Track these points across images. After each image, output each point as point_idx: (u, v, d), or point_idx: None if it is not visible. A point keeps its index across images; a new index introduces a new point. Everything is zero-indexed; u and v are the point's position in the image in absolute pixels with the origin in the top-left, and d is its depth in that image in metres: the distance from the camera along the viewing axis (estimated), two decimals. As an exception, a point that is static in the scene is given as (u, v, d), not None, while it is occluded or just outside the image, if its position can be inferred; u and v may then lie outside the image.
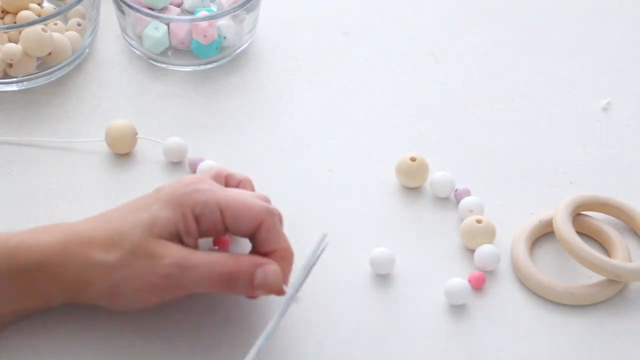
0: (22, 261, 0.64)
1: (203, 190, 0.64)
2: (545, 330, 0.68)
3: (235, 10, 0.83)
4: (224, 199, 0.64)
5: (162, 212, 0.64)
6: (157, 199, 0.65)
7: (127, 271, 0.63)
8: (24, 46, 0.81)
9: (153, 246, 0.63)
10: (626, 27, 0.91)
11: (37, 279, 0.64)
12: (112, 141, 0.78)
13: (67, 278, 0.64)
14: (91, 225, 0.65)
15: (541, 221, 0.73)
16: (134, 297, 0.64)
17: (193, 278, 0.63)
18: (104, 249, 0.64)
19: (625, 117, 0.83)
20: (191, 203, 0.64)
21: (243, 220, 0.64)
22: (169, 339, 0.67)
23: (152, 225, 0.63)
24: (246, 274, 0.63)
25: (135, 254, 0.63)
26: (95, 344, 0.66)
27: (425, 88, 0.85)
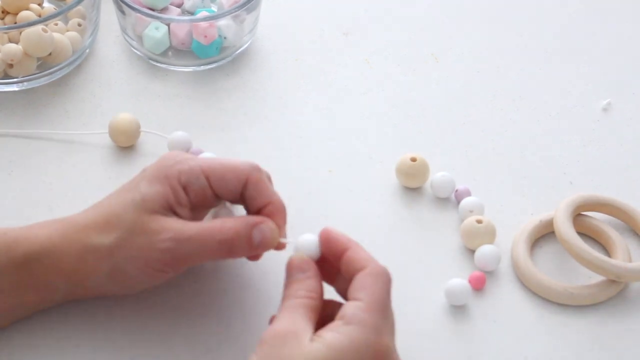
0: (21, 254, 0.64)
1: (185, 161, 0.65)
2: (545, 330, 0.68)
3: (235, 10, 0.83)
4: (206, 164, 0.65)
5: (151, 187, 0.64)
6: (143, 177, 0.65)
7: (126, 250, 0.63)
8: (25, 46, 0.81)
9: (149, 222, 0.63)
10: (626, 27, 0.91)
11: (37, 270, 0.64)
12: (116, 134, 0.78)
13: (67, 266, 0.64)
14: (85, 213, 0.66)
15: (541, 221, 0.73)
16: (137, 276, 0.64)
17: (192, 249, 0.63)
18: (100, 233, 0.64)
19: (625, 117, 0.83)
20: (176, 174, 0.65)
21: (229, 179, 0.65)
22: (169, 339, 0.67)
23: (143, 202, 0.64)
24: (244, 237, 0.64)
25: (132, 233, 0.63)
26: (95, 344, 0.66)
27: (425, 88, 0.85)
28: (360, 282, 0.60)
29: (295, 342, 0.57)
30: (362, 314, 0.58)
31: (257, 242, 0.64)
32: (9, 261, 0.64)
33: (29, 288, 0.65)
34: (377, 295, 0.60)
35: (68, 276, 0.65)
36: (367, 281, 0.60)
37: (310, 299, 0.61)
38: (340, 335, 0.58)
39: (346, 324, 0.58)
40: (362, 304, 0.59)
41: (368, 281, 0.60)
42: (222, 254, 0.64)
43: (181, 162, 0.65)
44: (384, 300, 0.60)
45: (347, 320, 0.58)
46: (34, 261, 0.64)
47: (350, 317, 0.58)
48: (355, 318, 0.58)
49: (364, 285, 0.60)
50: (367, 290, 0.60)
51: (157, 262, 0.64)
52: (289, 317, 0.59)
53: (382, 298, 0.60)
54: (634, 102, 0.84)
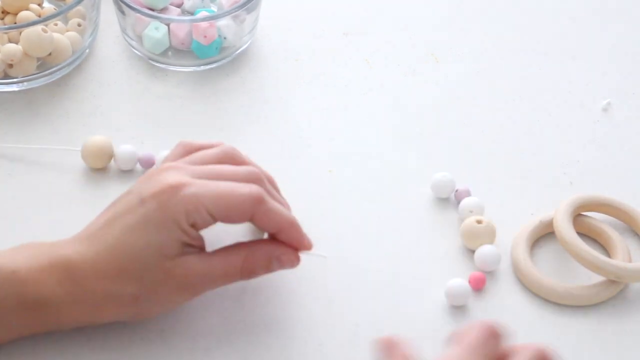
0: (31, 297, 0.63)
1: (189, 199, 0.64)
2: (545, 331, 0.68)
3: (235, 10, 0.83)
4: (210, 202, 0.64)
5: (163, 233, 0.63)
6: (148, 218, 0.63)
7: (152, 296, 0.64)
8: (24, 47, 0.81)
9: (172, 268, 0.63)
10: (626, 27, 0.91)
11: (48, 314, 0.63)
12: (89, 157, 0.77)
13: (84, 312, 0.64)
14: (91, 253, 0.64)
15: (541, 222, 0.73)
16: (162, 311, 0.66)
17: (217, 284, 0.65)
18: (119, 282, 0.63)
19: (625, 117, 0.83)
20: (183, 217, 0.63)
21: (234, 217, 0.65)
22: (170, 339, 0.67)
23: (160, 249, 0.63)
24: (263, 268, 0.66)
25: (156, 282, 0.63)
26: (95, 343, 0.66)
27: (425, 88, 0.85)
28: None
29: None
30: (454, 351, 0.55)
31: (275, 269, 0.66)
32: (18, 302, 0.63)
33: (37, 326, 0.64)
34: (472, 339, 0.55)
35: (84, 319, 0.64)
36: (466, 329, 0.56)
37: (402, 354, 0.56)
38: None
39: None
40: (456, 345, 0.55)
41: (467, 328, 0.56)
42: (244, 278, 0.66)
43: (184, 202, 0.63)
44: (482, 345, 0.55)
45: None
46: (46, 305, 0.63)
47: None
48: None
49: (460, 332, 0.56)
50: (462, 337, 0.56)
51: (183, 299, 0.65)
52: None
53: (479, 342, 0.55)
54: (634, 102, 0.84)
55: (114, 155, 0.77)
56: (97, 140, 0.77)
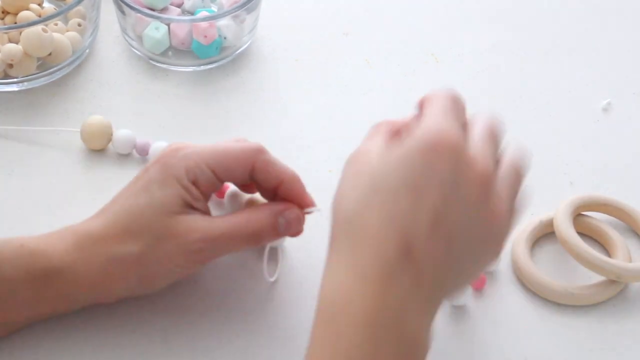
0: (40, 267, 0.63)
1: (189, 155, 0.65)
2: (545, 330, 0.68)
3: (235, 10, 0.83)
4: (210, 156, 0.65)
5: (164, 190, 0.64)
6: (150, 179, 0.65)
7: (155, 256, 0.63)
8: (25, 46, 0.81)
9: (175, 225, 0.63)
10: (626, 27, 0.91)
11: (57, 284, 0.64)
12: (87, 137, 0.78)
13: (90, 280, 0.64)
14: (98, 222, 0.65)
15: (542, 222, 0.73)
16: (168, 276, 0.65)
17: (221, 245, 0.64)
18: (122, 242, 0.64)
19: (625, 117, 0.83)
20: (183, 172, 0.64)
21: (234, 169, 0.65)
22: (170, 339, 0.67)
23: (162, 205, 0.64)
24: (269, 227, 0.65)
25: (159, 238, 0.63)
26: (95, 343, 0.66)
27: (426, 88, 0.84)
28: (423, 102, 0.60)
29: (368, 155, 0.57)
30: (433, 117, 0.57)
31: (282, 229, 0.65)
32: (27, 275, 0.63)
33: (47, 301, 0.64)
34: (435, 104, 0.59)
35: (91, 288, 0.64)
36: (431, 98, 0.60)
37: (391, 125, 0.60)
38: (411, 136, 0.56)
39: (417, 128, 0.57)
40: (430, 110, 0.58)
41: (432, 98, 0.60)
42: (249, 245, 0.65)
43: (185, 158, 0.65)
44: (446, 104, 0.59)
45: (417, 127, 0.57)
46: (53, 275, 0.63)
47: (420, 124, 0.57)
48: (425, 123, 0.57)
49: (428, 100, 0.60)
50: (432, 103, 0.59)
51: (186, 262, 0.64)
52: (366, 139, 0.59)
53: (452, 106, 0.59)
54: (634, 102, 0.84)
55: (112, 139, 0.77)
56: (96, 121, 0.77)
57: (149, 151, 0.77)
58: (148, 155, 0.77)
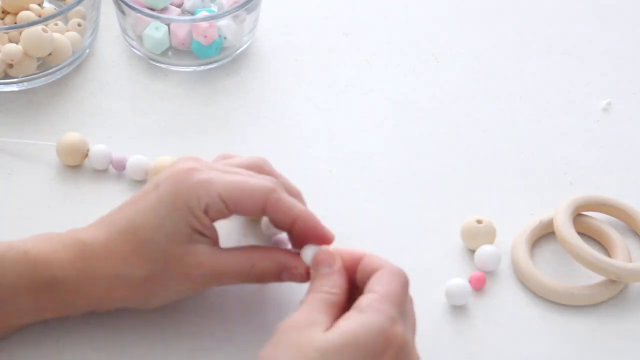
0: (42, 275, 0.63)
1: (202, 183, 0.64)
2: (545, 330, 0.68)
3: (235, 10, 0.83)
4: (223, 188, 0.64)
5: (175, 216, 0.63)
6: (160, 200, 0.64)
7: (161, 281, 0.64)
8: (25, 46, 0.81)
9: (182, 256, 0.63)
10: (626, 27, 0.91)
11: (61, 294, 0.63)
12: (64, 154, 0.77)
13: (92, 293, 0.64)
14: (104, 236, 0.64)
15: (542, 222, 0.73)
16: (171, 298, 0.65)
17: (224, 281, 0.65)
18: (128, 264, 0.63)
19: (625, 117, 0.83)
20: (196, 202, 0.63)
21: (246, 205, 0.65)
22: (170, 339, 0.67)
23: (171, 233, 0.63)
24: (273, 275, 0.65)
25: (166, 265, 0.63)
26: (95, 344, 0.66)
27: (426, 88, 0.85)
28: (376, 279, 0.61)
29: (308, 331, 0.58)
30: (376, 304, 0.58)
31: (284, 280, 0.66)
32: (31, 283, 0.63)
33: (49, 309, 0.64)
34: (392, 289, 0.60)
35: (92, 301, 0.64)
36: (383, 277, 0.61)
37: (332, 295, 0.61)
38: (352, 322, 0.58)
39: (359, 312, 0.58)
40: (377, 295, 0.59)
41: (384, 277, 0.61)
42: (251, 282, 0.66)
43: (198, 186, 0.64)
44: (400, 295, 0.60)
45: (360, 309, 0.58)
46: (57, 285, 0.63)
47: (364, 307, 0.58)
48: (368, 307, 0.58)
49: (379, 280, 0.60)
50: (382, 284, 0.60)
51: (191, 288, 0.65)
52: (306, 309, 0.59)
53: (398, 292, 0.60)
54: (634, 102, 0.84)
55: (88, 154, 0.77)
56: (72, 137, 0.77)
57: (125, 166, 0.77)
58: (125, 170, 0.77)
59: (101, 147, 0.77)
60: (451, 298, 0.69)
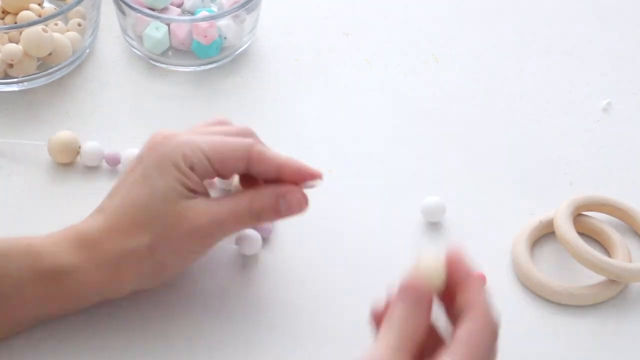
0: (47, 266, 0.63)
1: (185, 142, 0.65)
2: (545, 330, 0.68)
3: (235, 10, 0.83)
4: (206, 146, 0.65)
5: (165, 178, 0.64)
6: (147, 168, 0.65)
7: (168, 243, 0.64)
8: (25, 46, 0.81)
9: (181, 212, 0.64)
10: (626, 27, 0.91)
11: (67, 283, 0.63)
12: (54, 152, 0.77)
13: (103, 277, 0.64)
14: (101, 220, 0.65)
15: (542, 222, 0.73)
16: (180, 264, 0.66)
17: (229, 226, 0.65)
18: (131, 236, 0.64)
19: (625, 117, 0.83)
20: (181, 159, 0.65)
21: (229, 162, 0.66)
22: (170, 339, 0.67)
23: (166, 193, 0.64)
24: (271, 207, 0.66)
25: (170, 226, 0.64)
26: (95, 343, 0.66)
27: (426, 88, 0.85)
28: (466, 329, 0.55)
29: None
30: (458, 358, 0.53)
31: (283, 211, 0.66)
32: (34, 273, 0.63)
33: (55, 300, 0.64)
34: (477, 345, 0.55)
35: (102, 285, 0.64)
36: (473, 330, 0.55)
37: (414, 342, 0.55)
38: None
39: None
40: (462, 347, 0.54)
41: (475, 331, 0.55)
42: (252, 224, 0.67)
43: (181, 145, 0.65)
44: (484, 353, 0.55)
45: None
46: (63, 275, 0.63)
47: None
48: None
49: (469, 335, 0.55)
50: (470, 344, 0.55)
51: (198, 246, 0.65)
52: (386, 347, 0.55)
53: (482, 349, 0.55)
54: (634, 102, 0.84)
55: (80, 152, 0.77)
56: (64, 136, 0.77)
57: (119, 160, 0.77)
58: (120, 164, 0.77)
59: (93, 144, 0.77)
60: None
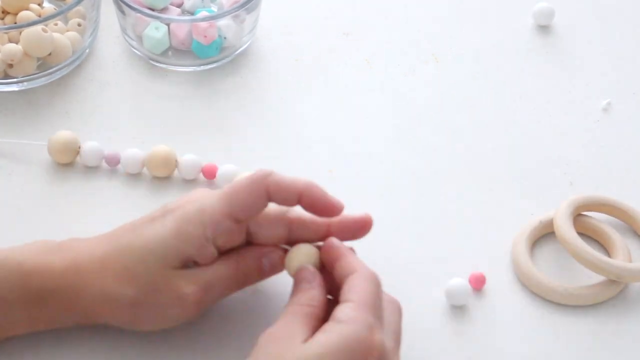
0: (35, 288, 0.63)
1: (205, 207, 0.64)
2: (545, 330, 0.68)
3: (235, 10, 0.83)
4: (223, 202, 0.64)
5: (173, 242, 0.63)
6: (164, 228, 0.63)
7: (149, 304, 0.63)
8: (24, 46, 0.81)
9: (172, 279, 0.63)
10: (626, 27, 0.91)
11: (51, 306, 0.63)
12: (54, 152, 0.77)
13: (82, 306, 0.64)
14: (101, 250, 0.64)
15: (541, 222, 0.73)
16: (161, 324, 0.65)
17: (215, 294, 0.65)
18: (119, 282, 0.63)
19: (625, 117, 0.83)
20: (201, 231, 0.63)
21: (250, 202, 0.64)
22: (170, 339, 0.66)
23: (164, 257, 0.63)
24: (255, 269, 0.65)
25: (154, 290, 0.63)
26: (95, 344, 0.66)
27: (426, 88, 0.85)
28: (349, 285, 0.61)
29: (287, 343, 0.58)
30: (352, 312, 0.59)
31: (266, 270, 0.66)
32: (22, 296, 0.63)
33: (40, 321, 0.64)
34: (366, 296, 0.60)
35: (82, 315, 0.64)
36: (356, 283, 0.61)
37: (311, 307, 0.61)
38: (331, 333, 0.58)
39: (337, 323, 0.58)
40: (352, 303, 0.60)
41: (357, 283, 0.61)
42: (239, 286, 0.66)
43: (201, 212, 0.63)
44: (374, 301, 0.60)
45: (337, 320, 0.59)
46: (48, 297, 0.63)
47: (341, 317, 0.59)
48: (345, 317, 0.59)
49: (353, 286, 0.61)
50: (357, 292, 0.60)
51: (179, 314, 0.64)
52: (285, 321, 0.60)
53: (372, 298, 0.60)
54: (634, 102, 0.84)
55: (80, 152, 0.77)
56: (63, 135, 0.77)
57: (118, 160, 0.77)
58: (119, 164, 0.77)
59: (93, 144, 0.77)
60: (451, 298, 0.69)
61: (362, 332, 0.58)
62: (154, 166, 0.76)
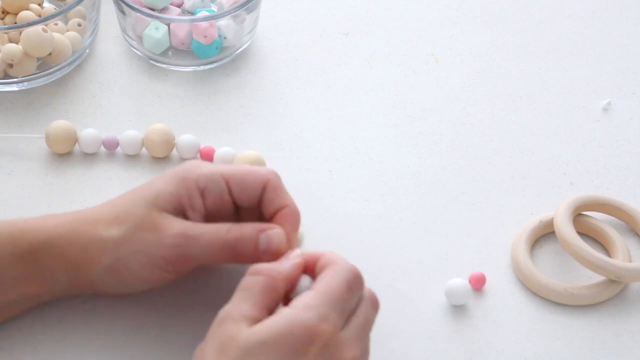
0: (26, 243, 0.64)
1: (206, 166, 0.65)
2: (545, 330, 0.68)
3: (235, 10, 0.83)
4: (226, 169, 0.65)
5: (165, 186, 0.64)
6: (160, 177, 0.65)
7: (132, 245, 0.63)
8: (25, 46, 0.81)
9: (157, 219, 0.64)
10: (626, 27, 0.91)
11: (41, 260, 0.64)
12: (51, 142, 0.78)
13: (71, 257, 0.64)
14: (96, 208, 0.66)
15: (542, 221, 0.73)
16: (139, 273, 0.64)
17: (198, 247, 0.63)
18: (107, 226, 0.64)
19: (625, 117, 0.83)
20: (194, 176, 0.65)
21: (249, 184, 0.65)
22: (170, 339, 0.67)
23: (154, 199, 0.64)
24: (250, 240, 0.63)
25: (139, 228, 0.63)
26: (95, 343, 0.66)
27: (426, 88, 0.85)
28: (320, 276, 0.60)
29: (236, 325, 0.57)
30: (307, 300, 0.58)
31: (262, 247, 0.63)
32: (12, 252, 0.64)
33: (31, 280, 0.65)
34: (332, 286, 0.59)
35: (70, 267, 0.65)
36: (325, 274, 0.60)
37: (268, 277, 0.60)
38: (279, 318, 0.57)
39: (289, 309, 0.58)
40: (312, 292, 0.59)
41: (326, 274, 0.60)
42: (226, 256, 0.64)
43: (200, 167, 0.65)
44: (340, 292, 0.59)
45: (291, 306, 0.58)
46: (38, 251, 0.64)
47: (296, 304, 0.58)
48: (299, 303, 0.58)
49: (321, 278, 0.60)
50: (323, 281, 0.59)
51: (161, 259, 0.63)
52: (238, 299, 0.59)
53: (337, 290, 0.59)
54: (634, 102, 0.84)
55: (78, 139, 0.78)
56: (60, 125, 0.77)
57: (117, 144, 0.78)
58: (118, 148, 0.78)
59: (90, 130, 0.78)
60: (451, 298, 0.69)
61: (309, 320, 0.57)
62: (152, 146, 0.77)
